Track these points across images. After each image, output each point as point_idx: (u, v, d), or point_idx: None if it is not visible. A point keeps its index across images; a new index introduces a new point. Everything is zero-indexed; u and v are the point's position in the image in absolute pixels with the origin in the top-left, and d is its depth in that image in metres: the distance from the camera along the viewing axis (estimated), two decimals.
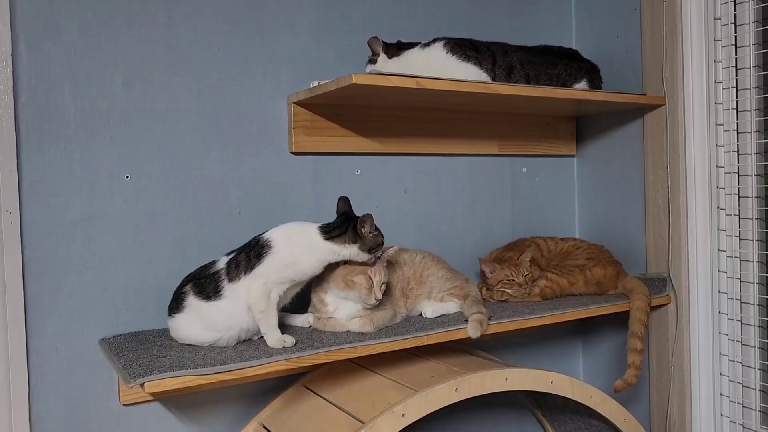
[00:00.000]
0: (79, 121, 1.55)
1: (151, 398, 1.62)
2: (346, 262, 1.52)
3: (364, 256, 1.50)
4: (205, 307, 1.44)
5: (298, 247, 1.47)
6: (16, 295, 1.47)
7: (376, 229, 1.52)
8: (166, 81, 1.64)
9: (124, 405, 1.60)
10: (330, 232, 1.49)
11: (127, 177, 1.61)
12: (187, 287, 1.48)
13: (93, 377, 1.57)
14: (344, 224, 1.51)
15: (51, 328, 1.52)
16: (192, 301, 1.46)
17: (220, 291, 1.44)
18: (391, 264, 1.70)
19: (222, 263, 1.49)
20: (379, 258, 1.54)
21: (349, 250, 1.49)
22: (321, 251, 1.48)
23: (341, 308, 1.57)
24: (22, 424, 1.48)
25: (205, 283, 1.46)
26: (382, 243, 1.53)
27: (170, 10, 1.65)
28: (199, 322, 1.45)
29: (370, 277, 1.50)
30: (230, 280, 1.45)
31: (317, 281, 1.60)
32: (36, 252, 1.50)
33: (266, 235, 1.49)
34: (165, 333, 1.56)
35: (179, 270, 1.61)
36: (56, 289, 1.53)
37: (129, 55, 1.60)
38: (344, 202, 1.60)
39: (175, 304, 1.49)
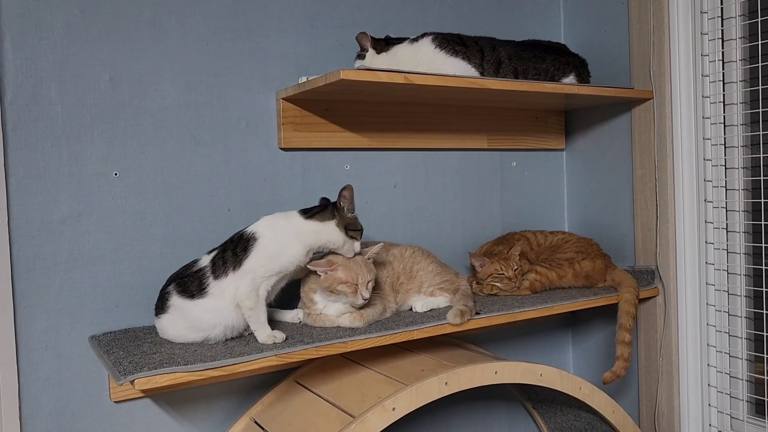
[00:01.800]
0: (66, 118, 1.54)
1: (141, 395, 1.63)
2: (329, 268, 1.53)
3: (341, 237, 1.51)
4: (189, 306, 1.44)
5: (283, 233, 1.48)
6: (5, 292, 1.47)
7: (354, 213, 1.56)
8: (153, 77, 1.64)
9: (115, 402, 1.60)
10: (309, 211, 1.53)
11: (116, 174, 1.60)
12: (171, 287, 1.48)
13: (83, 374, 1.57)
14: (323, 205, 1.56)
15: (40, 325, 1.52)
16: (176, 301, 1.45)
17: (204, 289, 1.44)
18: (380, 259, 1.70)
19: (205, 261, 1.49)
20: (358, 252, 1.55)
21: (327, 228, 1.51)
22: (303, 233, 1.49)
23: (330, 305, 1.57)
24: (12, 422, 1.48)
25: (188, 281, 1.46)
26: (361, 230, 1.56)
27: (157, 5, 1.64)
28: (184, 322, 1.45)
29: (353, 283, 1.51)
30: (216, 277, 1.44)
31: (305, 278, 1.60)
32: (24, 250, 1.50)
33: (250, 228, 1.49)
34: (155, 330, 1.55)
35: (169, 266, 1.61)
36: (45, 287, 1.52)
37: (116, 51, 1.59)
38: (324, 200, 1.61)
39: (161, 304, 1.49)
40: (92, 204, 1.57)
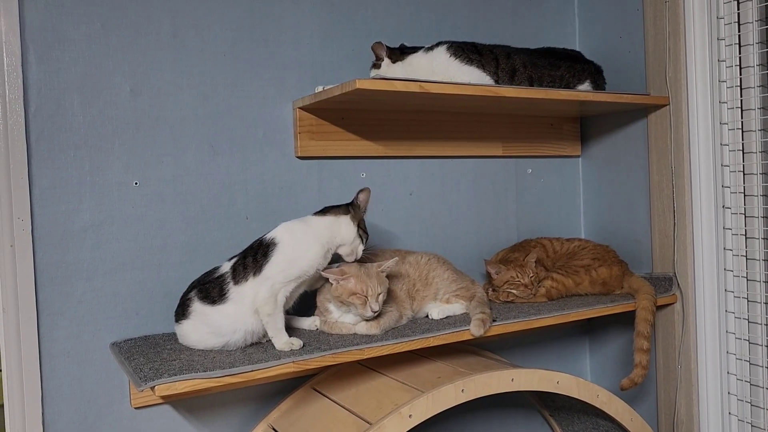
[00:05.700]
0: (88, 129, 1.57)
1: (161, 401, 1.65)
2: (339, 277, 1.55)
3: (353, 232, 1.55)
4: (210, 312, 1.46)
5: (301, 236, 1.51)
6: (29, 300, 1.50)
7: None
8: (172, 88, 1.67)
9: (135, 408, 1.62)
10: (323, 211, 1.58)
11: (136, 183, 1.63)
12: (192, 293, 1.50)
13: (104, 381, 1.59)
14: (338, 204, 1.60)
15: (63, 332, 1.55)
16: (197, 307, 1.47)
17: (225, 294, 1.46)
18: (396, 267, 1.71)
19: (226, 267, 1.51)
20: (358, 259, 1.58)
21: (341, 221, 1.55)
22: (319, 230, 1.53)
23: (346, 314, 1.58)
24: (35, 427, 1.51)
25: (209, 287, 1.48)
26: (367, 234, 1.60)
27: (176, 18, 1.67)
28: (205, 327, 1.47)
29: (363, 295, 1.52)
30: (236, 282, 1.46)
31: (321, 287, 1.62)
32: (47, 258, 1.53)
33: (269, 235, 1.51)
34: (174, 337, 1.57)
35: (188, 274, 1.63)
36: (67, 295, 1.55)
37: (136, 62, 1.62)
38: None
39: (181, 311, 1.51)
40: (113, 213, 1.60)
